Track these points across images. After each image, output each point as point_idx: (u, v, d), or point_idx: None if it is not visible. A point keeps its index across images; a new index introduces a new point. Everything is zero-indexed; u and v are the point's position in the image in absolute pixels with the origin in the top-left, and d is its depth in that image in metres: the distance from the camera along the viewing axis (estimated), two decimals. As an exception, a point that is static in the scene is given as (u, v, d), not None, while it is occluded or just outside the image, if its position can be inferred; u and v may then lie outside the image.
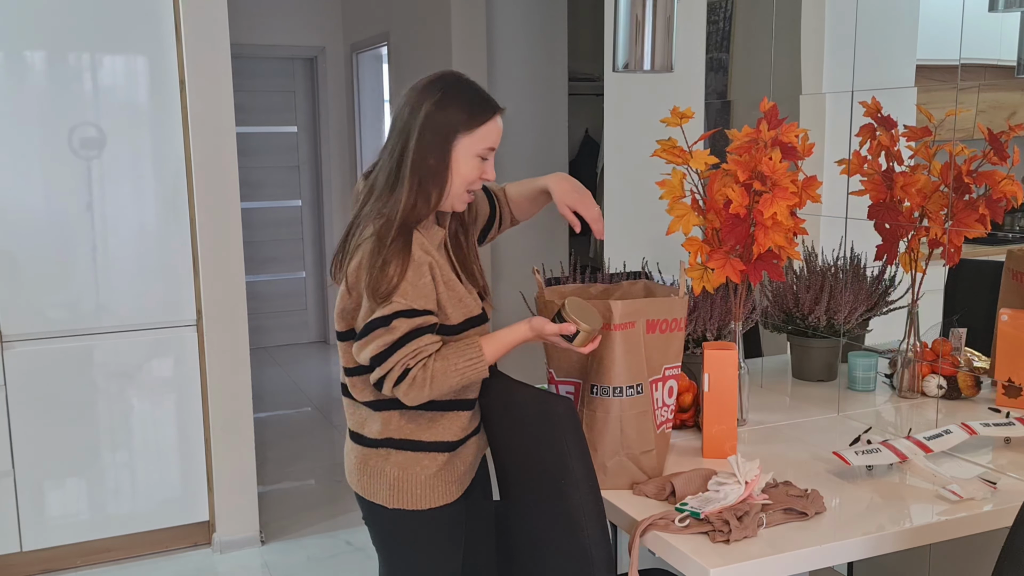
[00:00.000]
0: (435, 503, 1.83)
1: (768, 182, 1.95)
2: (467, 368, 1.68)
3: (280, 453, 4.69)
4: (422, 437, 1.81)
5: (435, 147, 1.71)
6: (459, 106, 1.72)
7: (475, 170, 1.75)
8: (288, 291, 7.02)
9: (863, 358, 2.44)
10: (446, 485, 1.84)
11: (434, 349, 1.68)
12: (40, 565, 3.39)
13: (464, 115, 1.71)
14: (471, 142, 1.73)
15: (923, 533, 1.64)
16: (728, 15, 3.42)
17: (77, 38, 3.23)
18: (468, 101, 1.73)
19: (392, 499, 1.82)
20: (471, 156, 1.74)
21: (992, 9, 1.97)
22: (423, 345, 1.67)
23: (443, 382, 1.68)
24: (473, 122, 1.72)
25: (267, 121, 6.75)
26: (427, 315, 1.69)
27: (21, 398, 3.27)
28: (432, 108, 1.70)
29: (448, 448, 1.83)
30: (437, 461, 1.82)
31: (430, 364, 1.67)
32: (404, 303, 1.66)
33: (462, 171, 1.74)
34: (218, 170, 3.40)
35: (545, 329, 1.69)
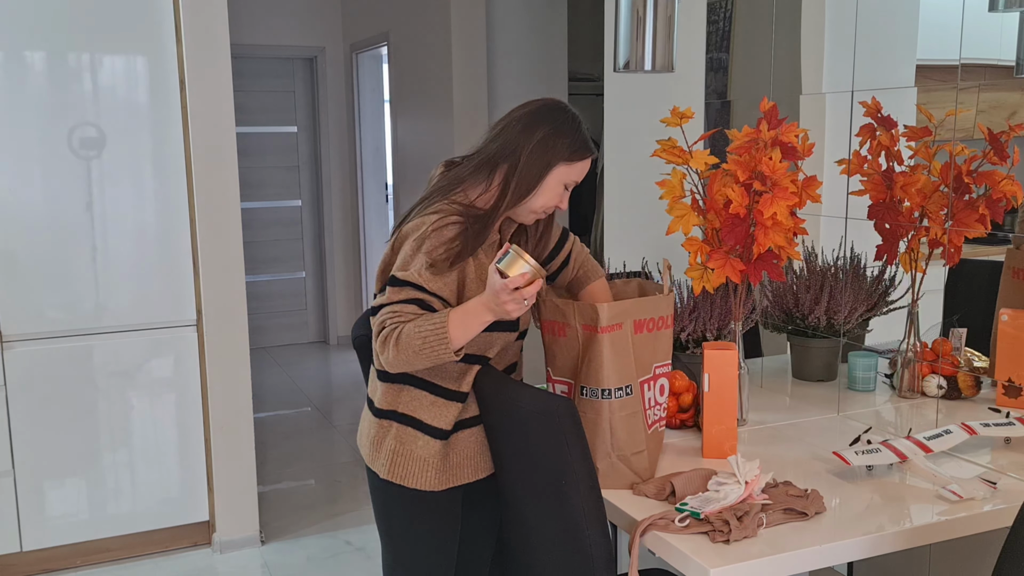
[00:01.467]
0: (423, 485, 1.89)
1: (768, 182, 1.95)
2: (430, 333, 1.71)
3: (280, 453, 4.69)
4: (422, 417, 1.88)
5: (536, 165, 1.83)
6: (570, 139, 1.86)
7: (556, 197, 1.88)
8: (288, 291, 7.02)
9: (863, 358, 2.44)
10: (436, 472, 1.89)
11: (412, 317, 1.75)
12: (40, 565, 3.39)
13: (570, 148, 1.85)
14: (566, 172, 1.86)
15: (923, 533, 1.64)
16: (728, 15, 3.42)
17: (77, 38, 3.23)
18: (577, 137, 1.87)
19: (387, 471, 1.90)
20: (559, 183, 1.86)
21: (992, 9, 1.97)
22: (406, 311, 1.76)
23: (408, 344, 1.72)
24: (575, 156, 1.86)
25: (267, 121, 6.75)
26: (433, 297, 1.77)
27: (21, 398, 3.27)
28: (547, 133, 1.84)
29: (441, 435, 1.88)
30: (431, 445, 1.88)
31: (401, 326, 1.75)
32: (419, 279, 1.77)
33: (546, 194, 1.87)
34: (218, 170, 3.40)
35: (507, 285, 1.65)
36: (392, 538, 1.99)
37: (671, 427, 2.15)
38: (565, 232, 2.08)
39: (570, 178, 1.87)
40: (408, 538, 1.97)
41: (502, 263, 1.64)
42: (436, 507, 1.93)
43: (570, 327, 1.80)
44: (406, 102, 5.69)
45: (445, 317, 1.71)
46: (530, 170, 1.83)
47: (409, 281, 1.77)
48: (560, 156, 1.84)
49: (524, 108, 1.89)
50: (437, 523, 1.94)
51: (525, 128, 1.84)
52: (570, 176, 1.87)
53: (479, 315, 1.71)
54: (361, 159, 6.74)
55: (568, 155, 1.85)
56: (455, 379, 1.87)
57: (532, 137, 1.83)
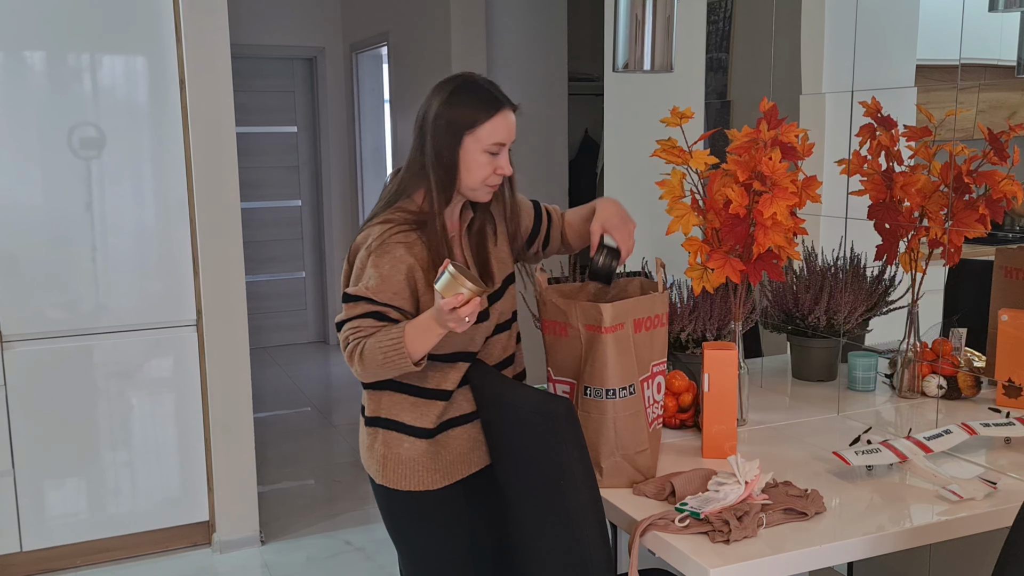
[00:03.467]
0: (417, 486, 1.90)
1: (768, 182, 1.95)
2: (389, 348, 1.73)
3: (280, 453, 4.69)
4: (404, 419, 1.89)
5: (445, 145, 1.80)
6: (466, 104, 1.79)
7: (486, 166, 1.82)
8: (288, 291, 7.02)
9: (863, 358, 2.44)
10: (428, 472, 1.90)
11: (372, 331, 1.77)
12: (40, 565, 3.39)
13: (470, 113, 1.79)
14: (478, 139, 1.80)
15: (923, 533, 1.64)
16: (728, 15, 3.42)
17: (77, 38, 3.23)
18: (474, 99, 1.80)
19: (381, 476, 1.93)
20: (479, 152, 1.80)
21: (992, 9, 1.97)
22: (364, 326, 1.78)
23: (371, 358, 1.75)
24: (478, 119, 1.79)
25: (267, 121, 6.75)
26: (384, 307, 1.79)
27: (21, 398, 3.27)
28: (441, 107, 1.80)
29: (426, 435, 1.89)
30: (417, 446, 1.89)
31: (362, 341, 1.77)
32: (363, 290, 1.79)
33: (472, 168, 1.82)
34: (218, 170, 3.40)
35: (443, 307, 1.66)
36: (402, 542, 2.00)
37: (671, 427, 2.15)
38: (538, 209, 2.08)
39: (489, 142, 1.81)
40: (417, 540, 1.97)
41: (438, 284, 1.65)
42: (438, 505, 1.93)
43: (572, 327, 1.80)
44: (406, 102, 5.69)
45: (401, 331, 1.73)
46: (442, 155, 1.80)
47: (360, 296, 1.79)
48: (462, 127, 1.79)
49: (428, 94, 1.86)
50: (442, 521, 1.94)
51: (424, 116, 1.82)
52: (487, 141, 1.81)
53: (431, 328, 1.72)
54: (361, 159, 6.74)
55: (470, 123, 1.79)
56: (436, 378, 1.88)
57: (432, 122, 1.80)
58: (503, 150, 1.84)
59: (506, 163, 1.85)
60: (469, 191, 1.86)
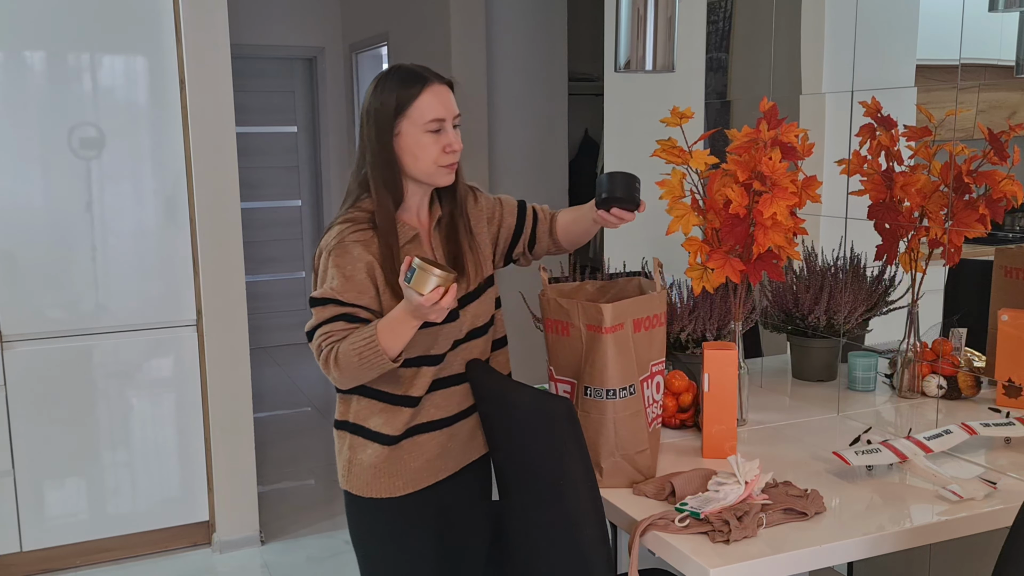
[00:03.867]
0: (378, 493, 1.87)
1: (768, 182, 1.95)
2: (364, 348, 1.69)
3: (280, 453, 4.69)
4: (369, 424, 1.86)
5: (380, 139, 1.78)
6: (389, 91, 1.77)
7: (431, 146, 1.78)
8: (288, 291, 7.02)
9: (863, 358, 2.44)
10: (390, 479, 1.86)
11: (344, 335, 1.74)
12: (40, 565, 3.39)
13: (394, 98, 1.77)
14: (412, 120, 1.77)
15: (923, 533, 1.64)
16: (728, 15, 3.42)
17: (77, 38, 3.23)
18: (397, 83, 1.77)
19: (345, 480, 1.92)
20: (420, 134, 1.77)
21: (992, 9, 1.97)
22: (335, 330, 1.74)
23: (347, 361, 1.71)
24: (405, 102, 1.76)
25: (267, 121, 6.75)
26: (352, 307, 1.76)
27: (21, 398, 3.27)
28: (370, 100, 1.79)
29: (387, 441, 1.85)
30: (378, 452, 1.86)
31: (335, 346, 1.73)
32: (329, 292, 1.76)
33: (416, 152, 1.79)
34: (218, 170, 3.40)
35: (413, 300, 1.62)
36: (365, 553, 1.96)
37: (671, 427, 2.15)
38: (523, 208, 2.03)
39: (424, 120, 1.77)
40: (379, 550, 1.92)
41: (411, 281, 1.61)
42: (401, 514, 1.89)
43: (574, 327, 1.80)
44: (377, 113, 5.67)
45: (374, 329, 1.69)
46: (380, 150, 1.78)
47: (326, 298, 1.76)
48: (393, 113, 1.76)
49: None
50: (406, 530, 1.90)
51: (361, 118, 1.82)
52: (422, 119, 1.76)
53: (405, 322, 1.68)
54: (361, 159, 6.73)
55: (400, 106, 1.76)
56: (403, 385, 1.84)
57: (364, 118, 1.79)
58: (445, 126, 1.79)
59: (454, 138, 1.80)
60: (425, 176, 1.81)
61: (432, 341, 1.82)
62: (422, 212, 1.89)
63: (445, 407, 1.90)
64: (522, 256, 2.06)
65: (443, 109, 1.78)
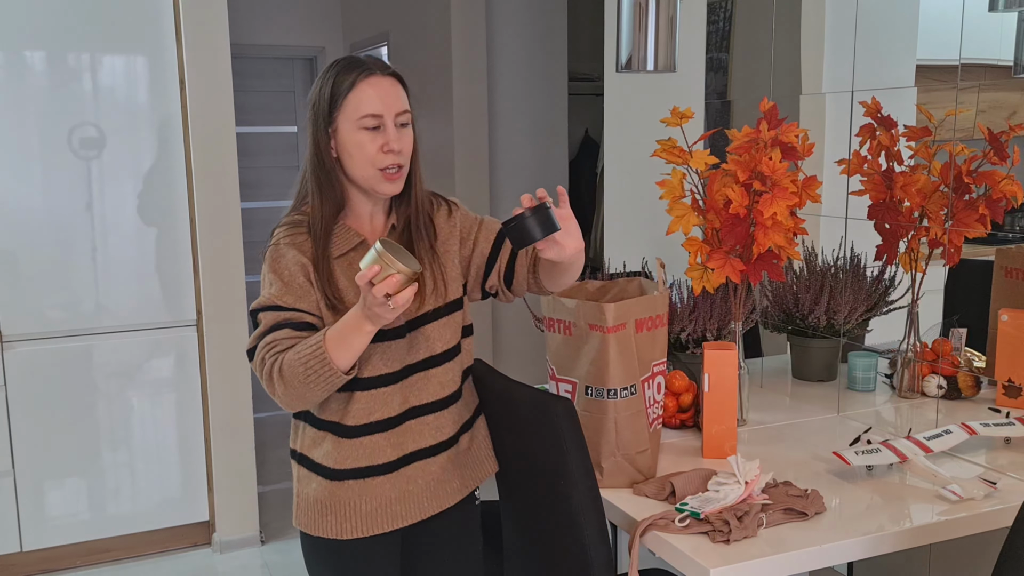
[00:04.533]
0: (324, 532, 1.67)
1: (768, 182, 1.95)
2: (309, 356, 1.49)
3: (280, 453, 4.68)
4: (310, 454, 1.69)
5: (316, 135, 1.61)
6: (327, 82, 1.60)
7: (367, 145, 1.58)
8: (288, 291, 7.02)
9: (863, 358, 2.44)
10: (339, 519, 1.66)
11: (290, 343, 1.55)
12: (40, 565, 3.39)
13: (330, 90, 1.59)
14: (347, 116, 1.58)
15: (923, 533, 1.64)
16: (728, 15, 3.43)
17: (77, 38, 3.23)
18: (334, 74, 1.60)
19: (294, 516, 1.73)
20: (353, 131, 1.58)
21: (992, 9, 1.97)
22: (280, 338, 1.56)
23: (292, 374, 1.51)
24: (339, 94, 1.58)
25: (267, 121, 6.75)
26: (295, 312, 1.58)
27: (21, 398, 3.27)
28: (310, 94, 1.63)
29: (330, 476, 1.66)
30: (322, 486, 1.67)
31: (280, 357, 1.54)
32: (268, 299, 1.59)
33: (351, 151, 1.59)
34: (218, 170, 3.40)
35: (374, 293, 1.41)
36: None
37: (671, 427, 2.15)
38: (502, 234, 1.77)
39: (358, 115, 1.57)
40: None
41: (363, 263, 1.42)
42: (356, 559, 1.68)
43: (576, 326, 1.80)
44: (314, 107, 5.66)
45: (322, 337, 1.50)
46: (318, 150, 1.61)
47: (266, 306, 1.58)
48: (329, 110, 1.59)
49: None
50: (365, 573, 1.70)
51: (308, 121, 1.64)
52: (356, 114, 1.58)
53: (357, 325, 1.47)
54: (361, 159, 6.73)
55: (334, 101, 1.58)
56: (335, 410, 1.65)
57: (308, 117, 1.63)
58: (384, 123, 1.58)
59: (394, 137, 1.58)
60: (363, 180, 1.61)
61: (364, 361, 1.61)
62: (376, 218, 1.69)
63: (399, 445, 1.68)
64: (499, 290, 1.78)
65: (380, 104, 1.58)
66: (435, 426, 1.72)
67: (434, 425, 1.72)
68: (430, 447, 1.71)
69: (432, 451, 1.72)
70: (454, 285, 1.73)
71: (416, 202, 1.69)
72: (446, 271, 1.73)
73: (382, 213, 1.70)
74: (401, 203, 1.69)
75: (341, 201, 1.64)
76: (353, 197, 1.66)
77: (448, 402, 1.73)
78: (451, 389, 1.73)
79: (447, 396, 1.73)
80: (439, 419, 1.72)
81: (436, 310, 1.69)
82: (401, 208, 1.69)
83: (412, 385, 1.68)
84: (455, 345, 1.74)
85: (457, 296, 1.74)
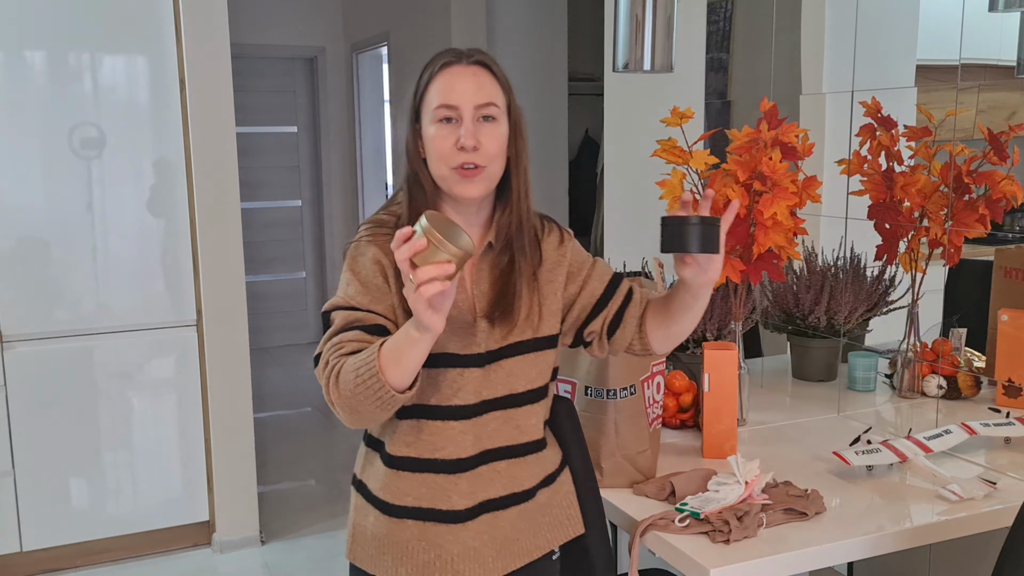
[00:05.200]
0: (379, 572, 1.51)
1: (768, 182, 1.95)
2: (362, 365, 1.31)
3: (280, 453, 4.68)
4: (369, 483, 1.53)
5: (408, 137, 1.48)
6: (417, 78, 1.48)
7: (441, 140, 1.42)
8: (288, 291, 7.02)
9: (863, 358, 2.44)
10: (393, 560, 1.49)
11: (356, 348, 1.38)
12: (40, 565, 3.39)
13: (415, 88, 1.47)
14: (425, 111, 1.45)
15: (923, 533, 1.64)
16: (728, 15, 3.43)
17: (77, 38, 3.23)
18: (420, 71, 1.47)
19: (347, 548, 1.57)
20: (429, 127, 1.44)
21: (992, 9, 1.97)
22: (347, 340, 1.39)
23: (345, 383, 1.34)
24: (420, 90, 1.46)
25: (267, 121, 6.75)
26: (368, 313, 1.42)
27: (21, 398, 3.27)
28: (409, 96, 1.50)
29: (385, 509, 1.49)
30: (379, 522, 1.50)
31: (342, 361, 1.37)
32: (342, 299, 1.44)
33: (428, 148, 1.44)
34: (218, 170, 3.40)
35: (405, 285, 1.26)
36: None
37: (671, 427, 2.15)
38: (616, 278, 1.60)
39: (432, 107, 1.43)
40: None
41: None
42: None
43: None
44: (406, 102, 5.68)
45: (379, 344, 1.33)
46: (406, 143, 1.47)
47: (338, 305, 1.43)
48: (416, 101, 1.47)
49: None
50: None
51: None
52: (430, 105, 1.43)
53: (405, 331, 1.30)
54: (361, 159, 6.74)
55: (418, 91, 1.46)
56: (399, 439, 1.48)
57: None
58: (461, 115, 1.41)
59: (467, 131, 1.40)
60: (443, 182, 1.44)
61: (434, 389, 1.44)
62: (469, 230, 1.48)
63: (468, 493, 1.48)
64: (596, 340, 1.58)
65: (453, 94, 1.41)
66: (509, 475, 1.51)
67: (508, 474, 1.50)
68: (500, 498, 1.50)
69: (502, 503, 1.51)
70: (551, 320, 1.53)
71: (518, 216, 1.48)
72: (546, 303, 1.52)
73: (477, 226, 1.50)
74: (502, 215, 1.49)
75: (431, 206, 1.47)
76: (443, 203, 1.49)
77: (527, 450, 1.53)
78: (531, 436, 1.53)
79: (526, 443, 1.52)
80: (514, 467, 1.51)
81: (523, 343, 1.49)
82: (501, 221, 1.49)
83: (486, 425, 1.48)
84: (541, 387, 1.53)
85: (553, 333, 1.54)
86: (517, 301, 1.47)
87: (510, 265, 1.48)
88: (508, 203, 1.48)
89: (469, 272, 1.48)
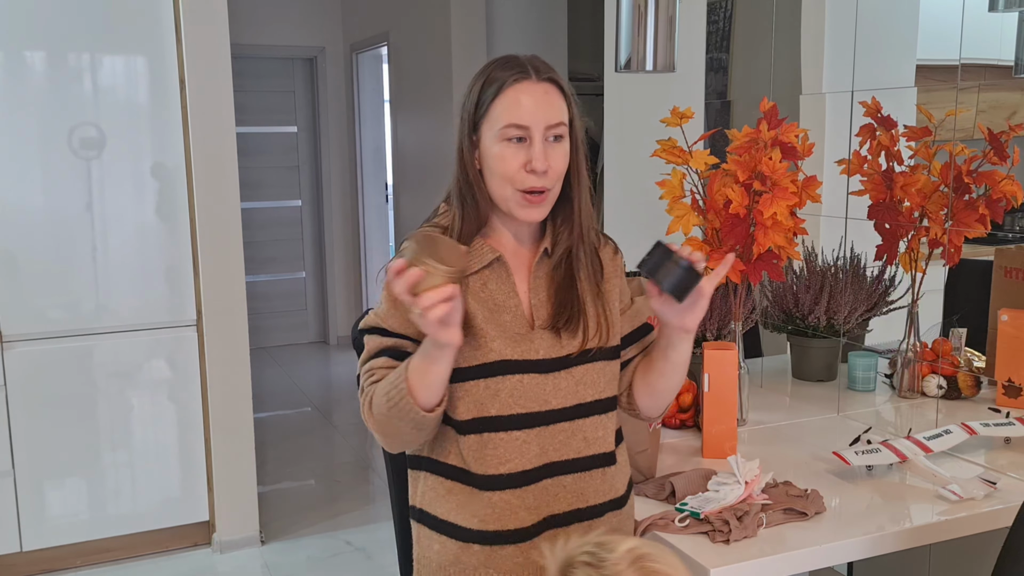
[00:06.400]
0: None
1: (768, 182, 1.95)
2: (391, 387, 1.32)
3: (280, 453, 4.68)
4: (432, 510, 1.45)
5: (463, 146, 1.41)
6: (477, 83, 1.39)
7: (508, 160, 1.36)
8: (288, 291, 7.02)
9: (863, 358, 2.44)
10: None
11: (383, 375, 1.38)
12: (40, 565, 3.39)
13: (477, 93, 1.39)
14: (489, 125, 1.37)
15: (923, 533, 1.64)
16: (728, 15, 3.43)
17: (77, 38, 3.23)
18: (486, 75, 1.39)
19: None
20: (495, 143, 1.37)
21: (992, 9, 1.97)
22: (377, 367, 1.40)
23: (379, 407, 1.35)
24: (484, 101, 1.37)
25: (267, 121, 6.75)
26: (397, 339, 1.40)
27: (21, 398, 3.27)
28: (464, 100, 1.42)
29: (452, 534, 1.42)
30: (445, 549, 1.42)
31: (373, 388, 1.38)
32: (374, 319, 1.43)
33: (491, 166, 1.38)
34: (218, 170, 3.40)
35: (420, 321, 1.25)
36: None
37: (671, 427, 2.15)
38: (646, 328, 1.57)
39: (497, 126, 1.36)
40: None
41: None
42: None
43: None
44: (406, 102, 5.69)
45: (404, 370, 1.33)
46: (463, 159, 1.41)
47: (372, 327, 1.42)
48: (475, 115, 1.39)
49: None
50: None
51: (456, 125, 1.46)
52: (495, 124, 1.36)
53: (424, 350, 1.30)
54: (361, 159, 6.74)
55: (479, 104, 1.38)
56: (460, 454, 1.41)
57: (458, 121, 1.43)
58: (531, 135, 1.35)
59: (538, 154, 1.34)
60: (501, 200, 1.39)
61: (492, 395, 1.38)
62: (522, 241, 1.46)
63: (533, 507, 1.41)
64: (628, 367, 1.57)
65: (527, 114, 1.35)
66: (574, 490, 1.43)
67: (573, 489, 1.43)
68: (564, 514, 1.42)
69: (565, 519, 1.43)
70: (616, 328, 1.49)
71: (580, 227, 1.44)
72: (611, 313, 1.48)
73: (529, 238, 1.46)
74: (563, 225, 1.45)
75: (483, 218, 1.42)
76: (495, 217, 1.44)
77: (594, 463, 1.45)
78: (600, 448, 1.45)
79: (593, 455, 1.44)
80: (580, 482, 1.43)
81: (591, 351, 1.44)
82: (562, 232, 1.45)
83: (552, 435, 1.41)
84: (611, 397, 1.47)
85: (617, 343, 1.49)
86: (582, 312, 1.44)
87: (571, 277, 1.45)
88: (569, 216, 1.44)
89: (525, 278, 1.45)
